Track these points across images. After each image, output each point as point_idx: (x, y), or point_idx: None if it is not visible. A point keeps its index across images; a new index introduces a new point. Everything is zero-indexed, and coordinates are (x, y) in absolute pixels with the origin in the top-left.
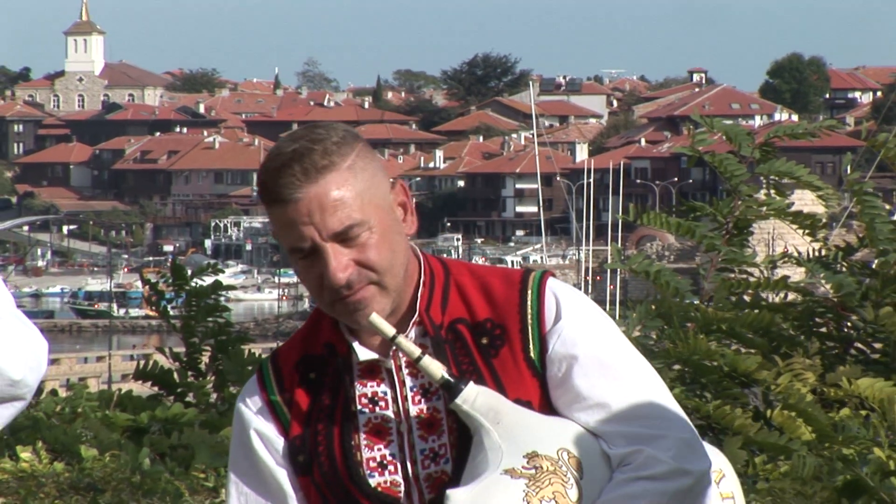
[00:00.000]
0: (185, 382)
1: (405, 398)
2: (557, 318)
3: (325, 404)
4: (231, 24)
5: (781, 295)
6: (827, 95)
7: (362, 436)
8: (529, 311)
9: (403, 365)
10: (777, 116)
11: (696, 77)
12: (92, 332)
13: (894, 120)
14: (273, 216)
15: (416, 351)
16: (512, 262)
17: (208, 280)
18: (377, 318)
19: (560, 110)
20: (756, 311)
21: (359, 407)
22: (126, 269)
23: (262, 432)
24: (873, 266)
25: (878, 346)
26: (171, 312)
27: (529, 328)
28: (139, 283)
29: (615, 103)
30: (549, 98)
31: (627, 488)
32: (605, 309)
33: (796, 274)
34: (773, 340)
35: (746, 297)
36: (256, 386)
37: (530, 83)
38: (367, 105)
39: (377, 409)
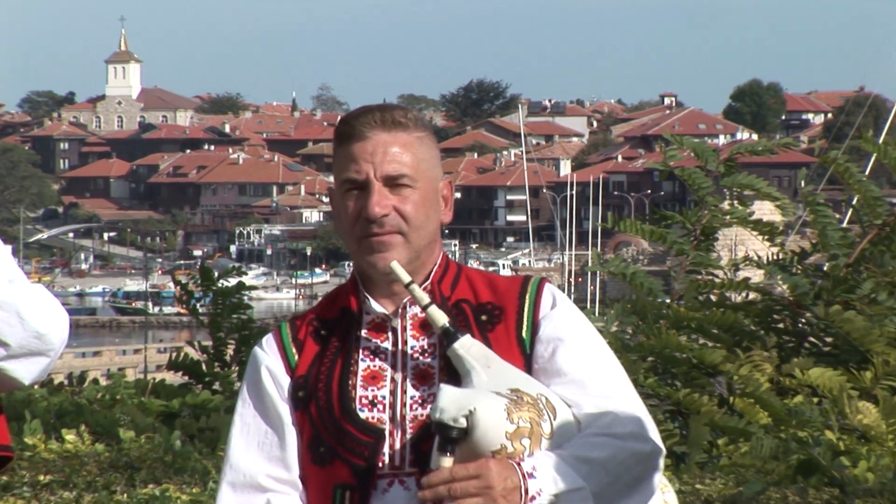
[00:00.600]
0: (212, 372)
1: (404, 354)
2: (552, 307)
3: (331, 352)
4: (253, 53)
5: (743, 294)
6: (783, 117)
7: (359, 378)
8: (528, 299)
9: (409, 326)
10: (739, 136)
11: (667, 100)
12: (129, 328)
13: (843, 139)
14: (341, 151)
15: (426, 298)
16: (503, 265)
17: (233, 281)
18: (397, 265)
19: (546, 130)
20: (720, 309)
21: (361, 356)
22: (160, 272)
23: (272, 369)
24: (825, 269)
25: (828, 340)
26: (200, 310)
27: (525, 312)
28: (171, 284)
29: (595, 124)
30: (536, 119)
31: (593, 439)
32: (585, 307)
33: (756, 276)
34: (735, 335)
35: (712, 297)
36: (273, 335)
37: (519, 106)
38: None
39: (377, 359)
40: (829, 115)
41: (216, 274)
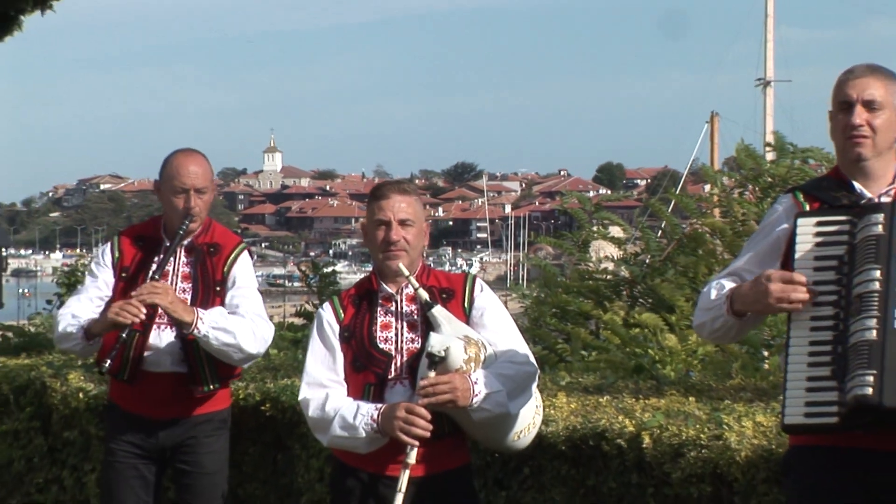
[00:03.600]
0: None
1: (402, 313)
2: (481, 290)
3: (361, 312)
4: (344, 150)
5: (606, 276)
6: (624, 181)
7: (378, 326)
8: (467, 286)
9: (404, 299)
10: (601, 191)
11: (562, 172)
12: (275, 293)
13: (657, 192)
14: (374, 203)
15: (417, 284)
16: (475, 261)
17: (330, 269)
18: (401, 266)
19: (497, 188)
20: (590, 282)
21: (378, 314)
22: (291, 264)
23: (329, 321)
24: (648, 262)
25: (650, 299)
26: (313, 284)
27: (466, 293)
28: (297, 271)
29: (523, 185)
30: (492, 182)
31: (505, 364)
32: (518, 282)
33: (612, 265)
34: (599, 296)
35: (587, 277)
36: (329, 302)
37: (484, 176)
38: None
39: (387, 316)
40: (649, 181)
41: (321, 265)
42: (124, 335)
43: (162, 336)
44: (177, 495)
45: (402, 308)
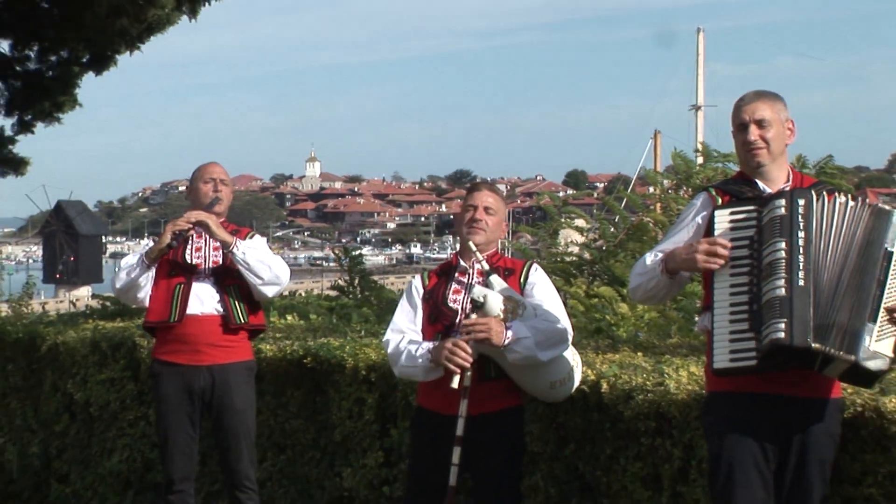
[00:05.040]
0: (347, 290)
1: (470, 284)
2: (535, 271)
3: (441, 281)
4: (378, 157)
5: (572, 258)
6: (587, 184)
7: (451, 290)
8: (526, 266)
9: (475, 274)
10: (569, 191)
11: (538, 177)
12: (315, 271)
13: (612, 193)
14: (469, 195)
15: (482, 257)
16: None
17: (357, 252)
18: (472, 243)
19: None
20: (559, 262)
21: (453, 283)
22: (328, 248)
23: (416, 287)
24: (604, 247)
25: (606, 276)
26: (344, 265)
27: (524, 271)
28: (331, 254)
29: (508, 187)
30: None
31: (536, 322)
32: None
33: (576, 249)
34: (568, 274)
35: (557, 258)
36: (419, 275)
37: (478, 180)
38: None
39: (460, 284)
40: (606, 183)
41: (351, 249)
42: (175, 243)
43: (202, 285)
44: (213, 429)
45: (472, 280)
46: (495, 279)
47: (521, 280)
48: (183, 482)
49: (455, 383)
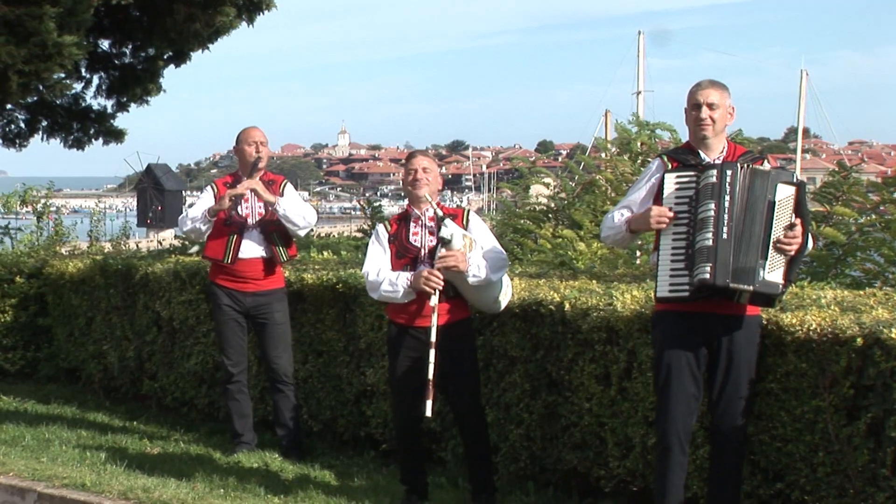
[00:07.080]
0: (370, 232)
1: (425, 226)
2: (473, 216)
3: (402, 226)
4: (399, 129)
5: (541, 207)
6: (552, 151)
7: (410, 232)
8: (465, 213)
9: (426, 218)
10: (539, 156)
11: (517, 146)
12: (346, 218)
13: (573, 157)
14: (407, 165)
15: (436, 205)
16: (465, 198)
17: (377, 203)
18: (427, 196)
19: (478, 155)
20: (532, 210)
21: (411, 226)
22: (355, 200)
23: (381, 233)
24: (565, 199)
25: (567, 221)
26: (367, 213)
27: (465, 216)
28: (358, 204)
29: (493, 154)
30: (475, 151)
31: (485, 253)
32: (490, 212)
33: (545, 200)
34: (538, 220)
35: (529, 207)
36: (381, 224)
37: (470, 148)
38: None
39: (417, 226)
40: (568, 151)
41: (373, 202)
42: (234, 201)
43: (252, 234)
44: (258, 338)
45: (425, 222)
46: (450, 222)
47: (464, 223)
48: (239, 374)
49: (433, 302)
